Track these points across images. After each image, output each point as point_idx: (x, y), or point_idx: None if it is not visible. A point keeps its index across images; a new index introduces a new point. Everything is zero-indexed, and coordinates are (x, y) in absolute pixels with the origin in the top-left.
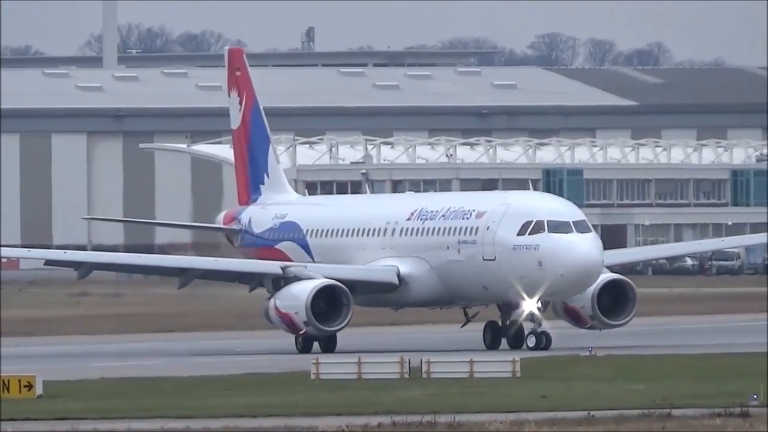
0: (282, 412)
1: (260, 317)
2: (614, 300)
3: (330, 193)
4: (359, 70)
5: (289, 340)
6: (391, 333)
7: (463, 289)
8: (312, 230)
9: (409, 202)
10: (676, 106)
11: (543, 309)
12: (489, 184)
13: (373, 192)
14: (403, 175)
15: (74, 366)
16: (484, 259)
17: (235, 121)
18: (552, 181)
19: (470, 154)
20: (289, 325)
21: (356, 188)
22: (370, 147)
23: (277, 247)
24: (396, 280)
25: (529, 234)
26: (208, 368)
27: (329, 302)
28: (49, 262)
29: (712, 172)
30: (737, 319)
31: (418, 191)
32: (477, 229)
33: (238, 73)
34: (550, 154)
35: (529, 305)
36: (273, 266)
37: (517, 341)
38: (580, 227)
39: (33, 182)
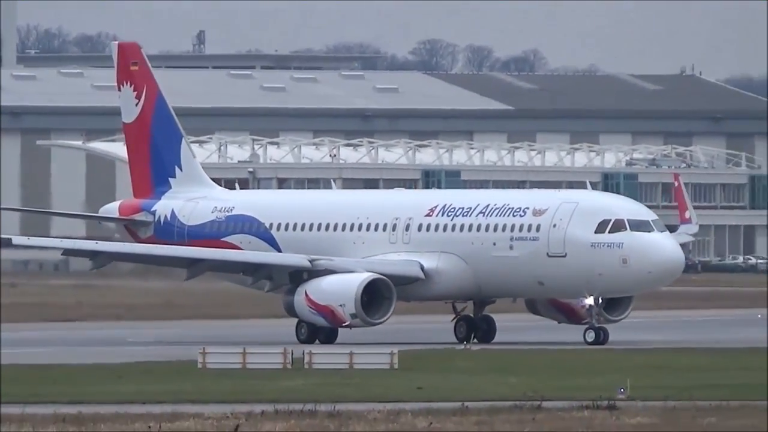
0: (170, 399)
1: (281, 309)
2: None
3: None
4: (247, 72)
5: (287, 329)
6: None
7: (506, 285)
8: (277, 224)
9: (417, 197)
10: (551, 111)
11: (598, 304)
12: (370, 184)
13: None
14: (288, 174)
15: None
16: (549, 256)
17: (130, 114)
18: (431, 181)
19: (353, 155)
20: (329, 317)
21: (244, 185)
22: (257, 147)
23: (226, 239)
24: (421, 274)
25: (609, 232)
26: (99, 357)
27: (371, 295)
28: (66, 252)
29: (584, 175)
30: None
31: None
32: (539, 226)
33: (134, 68)
34: (430, 155)
35: (590, 301)
36: (300, 259)
37: (488, 336)
38: (659, 226)
39: None
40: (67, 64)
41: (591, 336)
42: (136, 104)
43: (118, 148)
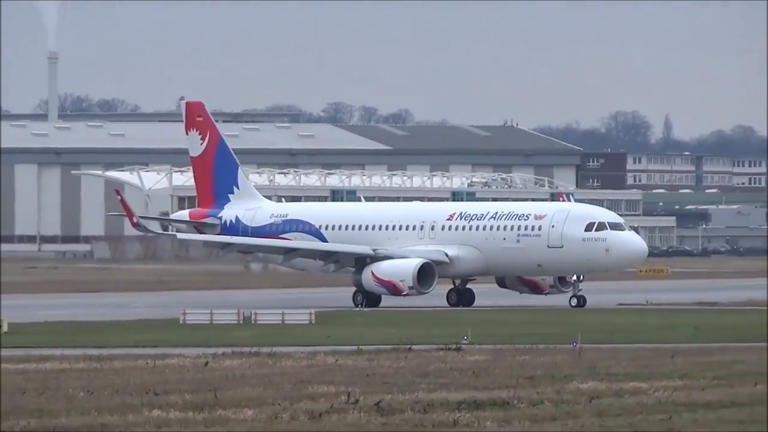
0: (161, 344)
1: (351, 284)
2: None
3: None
4: None
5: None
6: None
7: (511, 266)
8: (326, 225)
9: (438, 207)
10: (417, 150)
11: (580, 281)
12: (295, 200)
13: None
14: None
15: (25, 314)
16: (549, 247)
17: (196, 151)
18: (336, 197)
19: (284, 180)
20: (391, 288)
21: None
22: None
23: (283, 236)
24: (447, 259)
25: (595, 230)
26: (113, 316)
27: (420, 273)
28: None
29: (439, 192)
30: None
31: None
32: (540, 226)
33: (199, 119)
34: (336, 180)
35: (573, 277)
36: (365, 248)
37: (469, 301)
38: (627, 227)
39: None
40: (92, 120)
41: (574, 301)
42: (201, 144)
43: (126, 176)
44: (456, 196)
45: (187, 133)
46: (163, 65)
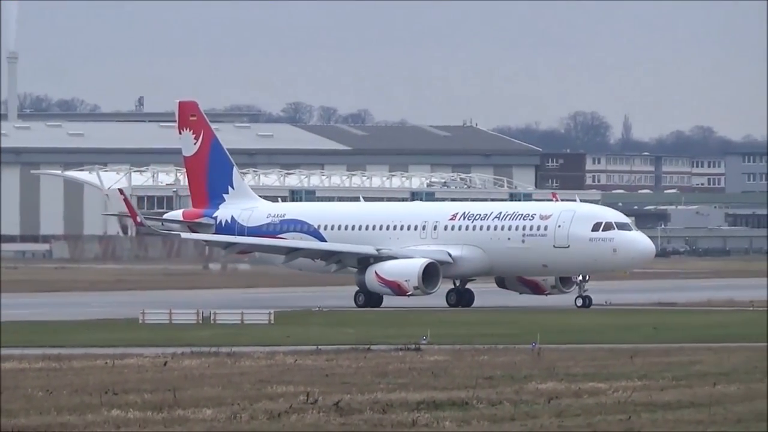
0: (120, 344)
1: (355, 284)
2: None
3: (153, 204)
4: (172, 124)
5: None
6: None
7: (516, 266)
8: (325, 225)
9: (440, 207)
10: (376, 150)
11: (585, 280)
12: None
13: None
14: None
15: None
16: (555, 247)
17: (189, 150)
18: (295, 198)
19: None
20: (395, 289)
21: (170, 202)
22: (179, 174)
23: (280, 236)
24: (450, 259)
25: (602, 230)
26: (72, 316)
27: (424, 273)
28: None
29: (398, 192)
30: None
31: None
32: (546, 226)
33: (193, 118)
34: (294, 180)
35: (579, 277)
36: (369, 248)
37: (469, 301)
38: (634, 227)
39: None
40: (51, 119)
41: (580, 302)
42: (195, 143)
43: (85, 176)
44: (415, 196)
45: (180, 133)
46: (123, 65)
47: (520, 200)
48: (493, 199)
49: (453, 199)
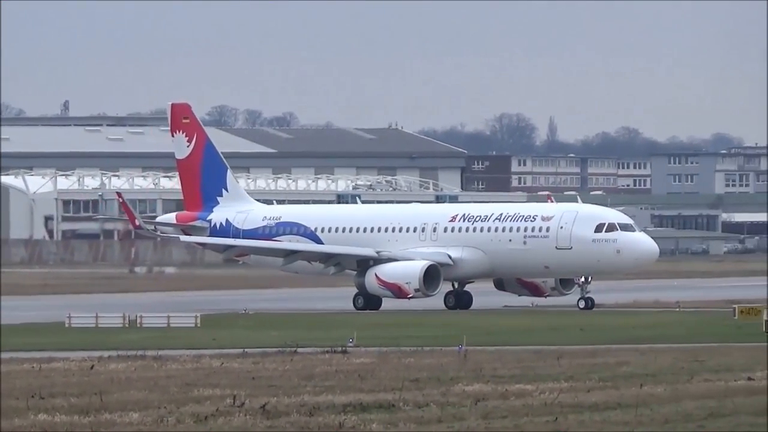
0: (46, 347)
1: (355, 286)
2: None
3: (87, 206)
4: (97, 128)
5: None
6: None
7: (517, 268)
8: (321, 227)
9: (439, 208)
10: (301, 153)
11: (588, 282)
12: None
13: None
14: (127, 196)
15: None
16: (558, 248)
17: (182, 153)
18: None
19: (169, 183)
20: (396, 291)
21: (95, 206)
22: (104, 178)
23: (276, 239)
24: (450, 261)
25: (605, 231)
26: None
27: (425, 275)
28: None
29: (324, 195)
30: None
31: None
32: (548, 227)
33: (186, 121)
34: None
35: (581, 279)
36: (369, 250)
37: (467, 303)
38: (637, 228)
39: None
40: None
41: (582, 303)
42: (188, 146)
43: (10, 180)
44: (341, 198)
45: (172, 136)
46: (48, 69)
47: (446, 202)
48: (420, 202)
49: (378, 202)
